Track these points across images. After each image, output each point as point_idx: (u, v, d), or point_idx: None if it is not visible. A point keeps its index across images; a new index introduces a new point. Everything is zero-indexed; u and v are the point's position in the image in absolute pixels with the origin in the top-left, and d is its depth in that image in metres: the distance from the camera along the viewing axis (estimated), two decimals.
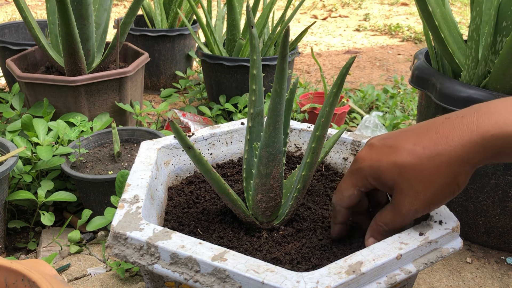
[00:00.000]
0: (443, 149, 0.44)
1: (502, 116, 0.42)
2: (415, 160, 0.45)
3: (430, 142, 0.45)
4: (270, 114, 0.52)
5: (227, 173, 0.74)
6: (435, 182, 0.45)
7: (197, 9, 1.49)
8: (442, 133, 0.45)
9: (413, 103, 1.69)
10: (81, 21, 1.21)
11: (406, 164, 0.46)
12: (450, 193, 0.46)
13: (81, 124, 1.03)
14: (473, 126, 0.43)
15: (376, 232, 0.51)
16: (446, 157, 0.44)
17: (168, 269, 0.47)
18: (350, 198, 0.52)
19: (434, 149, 0.44)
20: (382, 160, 0.48)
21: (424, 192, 0.46)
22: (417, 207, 0.47)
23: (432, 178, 0.45)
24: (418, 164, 0.45)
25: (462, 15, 3.56)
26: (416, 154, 0.45)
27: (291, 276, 0.42)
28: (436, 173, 0.45)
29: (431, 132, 0.46)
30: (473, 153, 0.43)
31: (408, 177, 0.46)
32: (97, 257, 0.91)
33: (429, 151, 0.45)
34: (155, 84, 1.90)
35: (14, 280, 0.44)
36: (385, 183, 0.48)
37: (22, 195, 0.92)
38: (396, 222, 0.49)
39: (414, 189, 0.46)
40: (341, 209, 0.54)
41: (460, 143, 0.43)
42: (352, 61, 0.48)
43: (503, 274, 0.90)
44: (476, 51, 0.84)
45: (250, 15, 0.51)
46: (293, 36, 1.67)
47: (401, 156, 0.46)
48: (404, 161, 0.46)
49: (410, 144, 0.46)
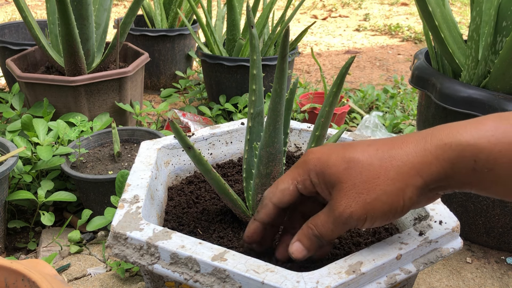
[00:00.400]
0: (396, 153, 0.42)
1: (457, 128, 0.40)
2: (365, 158, 0.42)
3: (385, 145, 0.43)
4: (270, 114, 0.52)
5: (227, 173, 0.74)
6: (380, 187, 0.41)
7: (197, 9, 1.49)
8: (398, 140, 0.43)
9: (413, 103, 1.69)
10: (81, 21, 1.21)
11: (354, 159, 0.42)
12: (392, 208, 0.41)
13: (81, 124, 1.03)
14: (428, 136, 0.41)
15: (304, 235, 0.46)
16: (398, 161, 0.41)
17: (168, 269, 0.47)
18: (283, 193, 0.46)
19: (387, 151, 0.42)
20: (332, 155, 0.44)
21: (365, 195, 0.41)
22: (353, 210, 0.42)
23: (379, 181, 0.41)
24: (368, 163, 0.42)
25: (462, 15, 3.56)
26: (367, 152, 0.43)
27: (291, 276, 0.42)
28: (383, 176, 0.41)
29: (387, 139, 0.44)
30: (425, 163, 0.40)
31: (353, 174, 0.42)
32: (97, 257, 0.91)
33: (381, 152, 0.42)
34: (155, 84, 1.90)
35: (14, 280, 0.44)
36: (328, 180, 0.43)
37: (22, 195, 0.92)
38: (327, 225, 0.44)
39: (356, 189, 0.42)
40: (268, 204, 0.48)
41: (414, 149, 0.41)
42: (352, 61, 0.49)
43: (503, 274, 0.90)
44: (476, 51, 0.84)
45: (250, 15, 0.51)
46: (293, 36, 1.67)
47: (353, 151, 0.43)
48: (354, 156, 0.43)
49: (365, 144, 0.44)
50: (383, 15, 3.61)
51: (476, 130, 0.39)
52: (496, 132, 0.38)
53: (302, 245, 0.46)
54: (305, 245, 0.46)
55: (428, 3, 0.84)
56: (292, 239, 0.47)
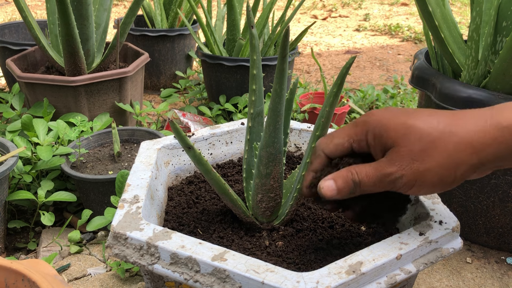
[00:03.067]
0: (456, 129, 0.42)
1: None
2: (426, 127, 0.42)
3: (446, 119, 0.43)
4: (270, 114, 0.52)
5: (227, 173, 0.74)
6: (436, 158, 0.42)
7: (197, 9, 1.49)
8: (459, 116, 0.43)
9: (413, 103, 1.69)
10: (81, 21, 1.21)
11: (415, 127, 0.43)
12: (443, 182, 0.42)
13: (81, 124, 1.03)
14: (487, 117, 0.42)
15: (342, 177, 0.45)
16: (457, 137, 0.42)
17: (168, 269, 0.47)
18: (337, 147, 0.47)
19: (448, 125, 0.42)
20: (393, 119, 0.44)
21: (419, 163, 0.42)
22: (404, 173, 0.42)
23: (435, 152, 0.42)
24: (427, 133, 0.42)
25: (462, 15, 3.56)
26: (428, 123, 0.43)
27: (291, 276, 0.42)
28: (441, 149, 0.42)
29: (447, 112, 0.44)
30: (484, 144, 0.41)
31: (411, 140, 0.42)
32: (97, 257, 0.91)
33: (442, 126, 0.42)
34: (155, 84, 1.90)
35: (14, 280, 0.44)
36: (385, 143, 0.44)
37: (22, 195, 0.92)
38: (371, 178, 0.44)
39: (412, 155, 0.42)
40: (321, 154, 0.49)
41: (474, 129, 0.41)
42: (352, 61, 0.49)
43: (503, 274, 0.90)
44: (476, 51, 0.84)
45: (250, 15, 0.51)
46: (293, 36, 1.67)
47: (414, 119, 0.43)
48: (415, 123, 0.43)
49: (426, 114, 0.44)
50: (383, 15, 3.61)
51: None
52: None
53: (335, 184, 0.46)
54: (338, 185, 0.46)
55: (428, 3, 0.84)
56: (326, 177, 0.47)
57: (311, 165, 0.50)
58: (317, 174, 0.49)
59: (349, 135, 0.47)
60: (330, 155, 0.48)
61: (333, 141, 0.47)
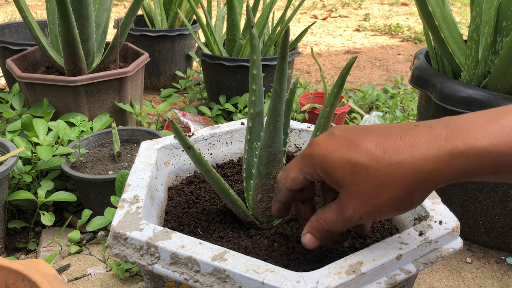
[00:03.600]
0: (404, 158, 0.39)
1: (473, 130, 0.37)
2: (372, 163, 0.40)
3: (392, 148, 0.40)
4: (270, 114, 0.52)
5: (227, 173, 0.74)
6: (388, 193, 0.40)
7: (197, 9, 1.49)
8: (407, 141, 0.40)
9: (413, 103, 1.69)
10: (81, 21, 1.21)
11: (361, 164, 0.41)
12: (401, 209, 0.42)
13: (81, 124, 1.03)
14: (441, 140, 0.38)
15: (315, 229, 0.47)
16: (406, 169, 0.39)
17: (168, 269, 0.47)
18: (294, 181, 0.47)
19: (395, 156, 0.40)
20: (337, 153, 0.42)
21: (373, 200, 0.41)
22: (362, 214, 0.42)
23: (386, 187, 0.40)
24: (374, 168, 0.40)
25: (462, 15, 3.56)
26: (374, 156, 0.41)
27: (291, 276, 0.42)
28: (391, 183, 0.40)
29: (395, 136, 0.41)
30: (437, 170, 0.38)
31: (360, 179, 0.41)
32: (97, 257, 0.91)
33: (389, 157, 0.40)
34: (155, 84, 1.90)
35: (14, 280, 0.44)
36: (335, 179, 0.43)
37: (22, 195, 0.92)
38: (337, 224, 0.45)
39: (364, 194, 0.41)
40: (282, 188, 0.49)
41: (425, 157, 0.38)
42: (353, 62, 0.48)
43: (503, 274, 0.90)
44: (476, 51, 0.84)
45: (250, 15, 0.51)
46: (293, 36, 1.67)
47: (358, 154, 0.41)
48: (360, 160, 0.41)
49: (371, 144, 0.41)
50: (383, 15, 3.61)
51: (495, 135, 0.36)
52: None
53: (313, 237, 0.47)
54: (316, 237, 0.47)
55: (428, 3, 0.84)
56: (304, 229, 0.48)
57: (277, 197, 0.51)
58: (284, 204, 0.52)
59: (301, 168, 0.46)
60: (291, 188, 0.48)
61: (289, 176, 0.48)
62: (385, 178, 0.40)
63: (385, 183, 0.40)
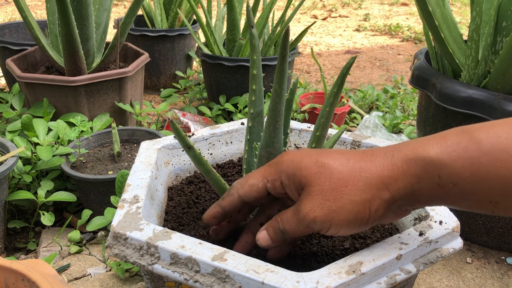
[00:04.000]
0: (366, 164, 0.42)
1: (422, 143, 0.41)
2: (337, 165, 0.43)
3: (356, 157, 0.43)
4: (270, 114, 0.52)
5: (227, 173, 0.74)
6: (347, 195, 0.42)
7: (197, 9, 1.49)
8: (368, 153, 0.44)
9: (413, 103, 1.69)
10: (81, 21, 1.21)
11: (326, 165, 0.43)
12: (358, 218, 0.42)
13: (81, 124, 1.03)
14: (396, 151, 0.42)
15: (271, 226, 0.47)
16: (367, 173, 0.42)
17: (168, 269, 0.47)
18: (251, 188, 0.47)
19: (357, 163, 0.43)
20: (305, 158, 0.45)
21: (331, 202, 0.42)
22: (316, 215, 0.42)
23: (346, 189, 0.42)
24: (338, 170, 0.42)
25: (462, 15, 3.56)
26: (339, 160, 0.43)
27: (291, 276, 0.42)
28: (351, 185, 0.42)
29: (359, 151, 0.45)
30: (392, 177, 0.41)
31: (322, 179, 0.43)
32: (97, 257, 0.91)
33: (352, 162, 0.43)
34: (155, 84, 1.90)
35: (14, 280, 0.44)
36: (299, 182, 0.44)
37: (22, 195, 0.92)
38: (291, 224, 0.45)
39: (323, 195, 0.42)
40: (234, 194, 0.48)
41: (382, 163, 0.42)
42: (353, 62, 0.48)
43: (503, 274, 0.90)
44: (476, 51, 0.84)
45: (250, 15, 0.51)
46: (293, 36, 1.67)
47: (325, 157, 0.44)
48: (326, 161, 0.43)
49: (337, 152, 0.45)
50: (383, 15, 3.61)
51: (439, 145, 0.40)
52: (457, 147, 0.39)
53: (267, 235, 0.47)
54: (270, 235, 0.47)
55: (428, 3, 0.84)
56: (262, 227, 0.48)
57: (222, 201, 0.50)
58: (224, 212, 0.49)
59: (264, 175, 0.47)
60: (244, 197, 0.48)
61: (247, 182, 0.47)
62: (347, 181, 0.42)
63: (347, 185, 0.42)
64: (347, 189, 0.42)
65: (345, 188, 0.42)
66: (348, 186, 0.42)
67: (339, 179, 0.42)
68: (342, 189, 0.42)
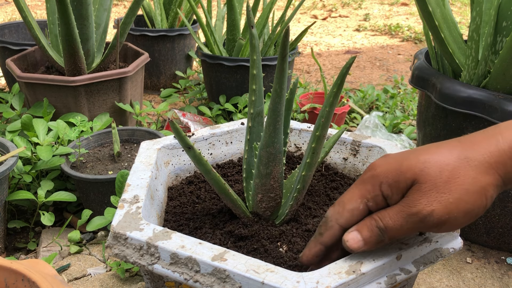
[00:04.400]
0: (470, 154, 0.41)
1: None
2: (442, 158, 0.41)
3: (457, 148, 0.41)
4: (270, 114, 0.52)
5: (227, 173, 0.74)
6: (463, 186, 0.40)
7: (197, 9, 1.49)
8: (466, 142, 0.42)
9: (413, 103, 1.69)
10: (81, 21, 1.21)
11: (431, 160, 0.41)
12: (475, 207, 0.40)
13: (81, 124, 1.03)
14: (499, 136, 0.41)
15: (366, 225, 0.43)
16: (475, 161, 0.40)
17: (168, 269, 0.47)
18: (352, 213, 0.44)
19: (461, 152, 0.41)
20: (403, 161, 0.42)
21: (447, 194, 0.40)
22: (434, 209, 0.40)
23: (460, 180, 0.40)
24: (445, 163, 0.40)
25: (462, 15, 3.56)
26: (442, 153, 0.41)
27: (291, 276, 0.42)
28: (464, 176, 0.40)
29: (452, 142, 0.42)
30: (502, 163, 0.40)
31: (432, 174, 0.40)
32: (97, 257, 0.91)
33: (456, 153, 0.41)
34: (155, 84, 1.90)
35: (14, 280, 0.44)
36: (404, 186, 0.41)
37: (22, 195, 0.92)
38: (397, 219, 0.41)
39: (437, 189, 0.40)
40: (334, 225, 0.45)
41: (488, 150, 0.40)
42: (352, 61, 0.48)
43: (503, 274, 0.90)
44: (476, 51, 0.84)
45: (250, 15, 0.51)
46: (293, 36, 1.67)
47: (425, 154, 0.42)
48: (429, 157, 0.41)
49: (433, 147, 0.42)
50: (383, 15, 3.61)
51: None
52: None
53: (360, 235, 0.44)
54: (363, 235, 0.43)
55: (428, 3, 0.84)
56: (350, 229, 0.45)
57: (321, 237, 0.46)
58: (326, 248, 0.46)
59: (362, 195, 0.44)
60: (346, 226, 0.45)
61: (345, 208, 0.44)
62: (459, 172, 0.40)
63: (459, 176, 0.40)
64: (460, 179, 0.40)
65: (458, 179, 0.40)
66: (460, 177, 0.40)
67: (450, 171, 0.40)
68: (456, 180, 0.40)
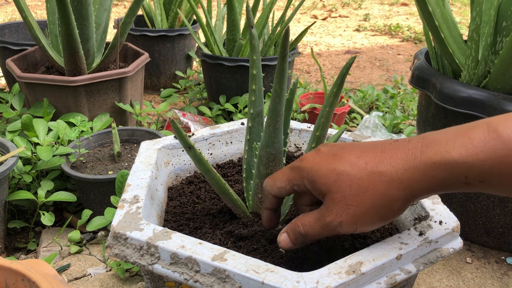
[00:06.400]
0: (385, 168, 0.42)
1: (445, 143, 0.40)
2: (355, 172, 0.43)
3: (374, 159, 0.43)
4: (270, 114, 0.52)
5: (227, 173, 0.74)
6: (369, 200, 0.43)
7: (197, 9, 1.49)
8: (388, 153, 0.43)
9: (413, 103, 1.69)
10: (81, 21, 1.21)
11: (344, 173, 0.44)
12: (382, 218, 0.43)
13: (81, 124, 1.03)
14: (417, 151, 0.41)
15: (292, 230, 0.49)
16: (387, 177, 0.42)
17: (168, 269, 0.47)
18: (280, 190, 0.50)
19: (376, 166, 0.43)
20: (323, 165, 0.45)
21: (354, 207, 0.43)
22: (342, 221, 0.44)
23: (368, 195, 0.43)
24: (357, 177, 0.43)
25: (462, 15, 3.56)
26: (357, 166, 0.44)
27: (291, 276, 0.42)
28: (372, 191, 0.42)
29: (377, 150, 0.44)
30: (415, 180, 0.41)
31: (342, 186, 0.44)
32: (97, 257, 0.91)
33: (370, 167, 0.43)
34: (155, 84, 1.90)
35: (14, 280, 0.44)
36: (319, 189, 0.45)
37: (22, 195, 0.92)
38: (314, 229, 0.46)
39: (346, 201, 0.43)
40: (268, 195, 0.51)
41: (403, 167, 0.41)
42: (352, 61, 0.49)
43: (503, 274, 0.90)
44: (476, 51, 0.84)
45: (250, 15, 0.51)
46: (293, 36, 1.67)
47: (342, 164, 0.44)
48: (343, 169, 0.44)
49: (354, 156, 0.44)
50: (383, 15, 3.61)
51: (464, 147, 0.39)
52: (484, 147, 0.39)
53: (288, 238, 0.49)
54: (290, 238, 0.49)
55: (428, 3, 0.84)
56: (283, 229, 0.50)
57: (264, 204, 0.53)
58: (271, 210, 0.53)
59: (289, 180, 0.49)
60: (277, 196, 0.51)
61: (275, 184, 0.50)
62: (367, 187, 0.43)
63: (367, 191, 0.43)
64: (368, 194, 0.43)
65: (366, 193, 0.43)
66: (369, 191, 0.43)
67: (359, 185, 0.43)
68: (364, 194, 0.43)
